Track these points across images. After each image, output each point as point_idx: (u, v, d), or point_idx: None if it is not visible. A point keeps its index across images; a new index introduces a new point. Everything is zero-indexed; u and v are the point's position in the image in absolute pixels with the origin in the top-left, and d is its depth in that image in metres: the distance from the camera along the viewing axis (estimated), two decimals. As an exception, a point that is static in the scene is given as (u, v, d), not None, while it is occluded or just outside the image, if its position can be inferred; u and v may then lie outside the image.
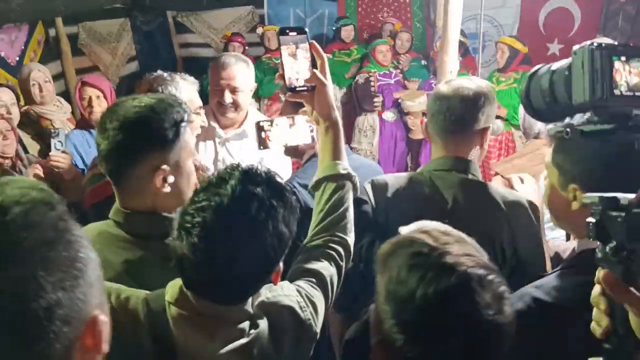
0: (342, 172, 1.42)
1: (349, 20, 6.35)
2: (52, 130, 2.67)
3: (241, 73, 2.56)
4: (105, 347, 0.66)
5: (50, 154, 2.67)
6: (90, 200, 2.14)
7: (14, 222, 0.57)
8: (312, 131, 1.63)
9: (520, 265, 1.69)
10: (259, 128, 1.55)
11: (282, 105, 2.47)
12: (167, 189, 1.38)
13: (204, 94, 2.56)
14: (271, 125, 1.59)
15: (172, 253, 1.07)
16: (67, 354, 0.60)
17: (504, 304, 0.92)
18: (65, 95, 4.85)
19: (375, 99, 5.34)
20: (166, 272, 1.12)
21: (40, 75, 3.60)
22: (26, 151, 3.21)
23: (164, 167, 1.36)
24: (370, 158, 5.08)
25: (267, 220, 1.05)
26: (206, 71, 6.05)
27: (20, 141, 3.22)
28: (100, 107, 3.12)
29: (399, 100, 5.26)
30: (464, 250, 0.95)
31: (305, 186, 1.96)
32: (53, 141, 2.65)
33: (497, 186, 1.84)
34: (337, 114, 1.44)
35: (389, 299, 0.95)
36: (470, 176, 1.75)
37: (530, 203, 1.75)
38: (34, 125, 3.40)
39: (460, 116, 1.72)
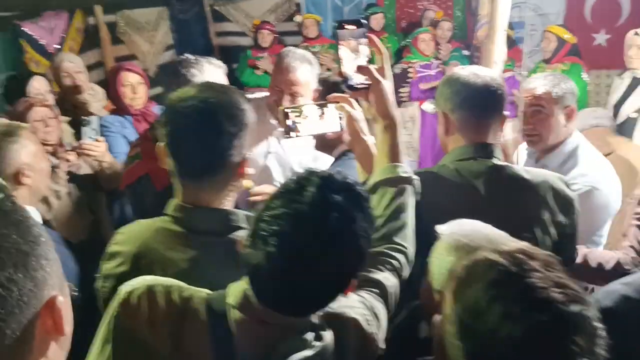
0: (403, 175, 1.34)
1: (378, 8, 6.19)
2: (84, 119, 2.65)
3: (305, 78, 2.42)
4: (67, 329, 0.66)
5: (80, 142, 2.66)
6: (126, 181, 2.14)
7: None
8: (341, 119, 1.54)
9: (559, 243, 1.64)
10: (284, 115, 1.48)
11: (314, 95, 2.42)
12: (248, 182, 1.34)
13: (237, 83, 2.52)
14: (300, 112, 1.51)
15: (244, 260, 1.00)
16: (25, 336, 0.60)
17: (598, 346, 0.81)
18: (104, 83, 4.86)
19: (400, 90, 5.23)
20: (229, 270, 1.07)
21: (71, 66, 3.60)
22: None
23: (248, 155, 1.33)
24: (410, 150, 4.98)
25: (346, 232, 0.97)
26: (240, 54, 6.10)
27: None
28: (140, 93, 3.11)
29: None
30: (554, 278, 0.83)
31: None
32: (84, 129, 2.63)
33: (521, 167, 1.77)
34: (396, 112, 1.36)
35: (463, 334, 0.85)
36: (495, 160, 1.67)
37: (560, 177, 1.70)
38: (69, 113, 3.40)
39: (490, 104, 1.67)
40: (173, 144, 1.29)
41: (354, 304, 1.14)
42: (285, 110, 1.46)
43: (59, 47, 4.81)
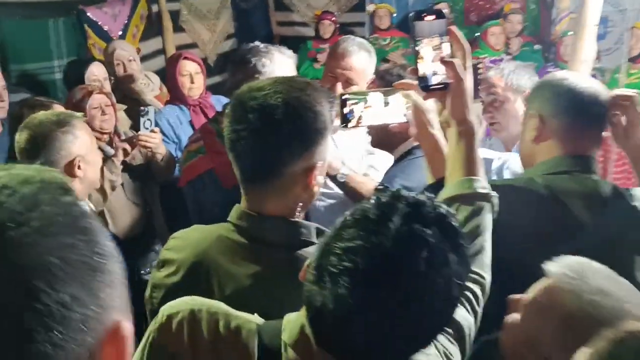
0: (480, 191, 1.15)
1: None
2: (141, 109, 2.59)
3: (361, 64, 2.31)
4: None
5: (138, 133, 2.59)
6: (186, 177, 2.03)
7: (21, 202, 0.46)
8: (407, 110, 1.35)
9: None
10: (342, 102, 1.30)
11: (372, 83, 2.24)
12: (316, 189, 1.20)
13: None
14: (361, 99, 1.33)
15: (307, 297, 0.84)
16: None
17: None
18: (164, 72, 4.83)
19: (480, 87, 4.93)
20: (296, 292, 0.91)
21: (124, 54, 3.53)
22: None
23: (320, 163, 1.18)
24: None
25: (437, 277, 0.79)
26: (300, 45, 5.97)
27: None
28: (199, 82, 3.02)
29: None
30: None
31: (408, 189, 1.70)
32: (142, 120, 2.57)
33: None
34: (474, 118, 1.17)
35: None
36: (595, 177, 1.43)
37: None
38: (124, 101, 3.35)
39: (597, 114, 1.47)
40: (233, 141, 1.16)
41: (427, 351, 0.94)
42: (343, 96, 1.29)
43: (122, 33, 4.80)
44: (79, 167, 1.89)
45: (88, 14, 4.52)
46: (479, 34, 5.14)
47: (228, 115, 1.17)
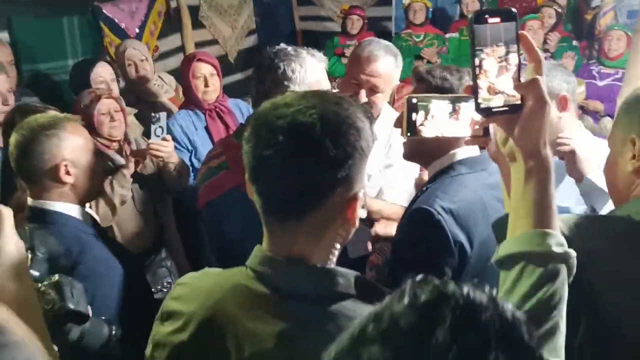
0: (556, 250, 0.88)
1: None
2: (153, 115, 2.39)
3: (387, 70, 2.11)
4: None
5: (149, 141, 2.40)
6: (206, 197, 1.82)
7: None
8: (472, 124, 1.10)
9: None
10: (411, 107, 1.07)
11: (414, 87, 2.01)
12: (357, 225, 1.00)
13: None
14: (426, 106, 1.09)
15: None
16: None
17: None
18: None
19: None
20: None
21: (136, 53, 3.33)
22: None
23: (362, 191, 0.99)
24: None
25: None
26: (325, 45, 5.74)
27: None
28: (214, 85, 2.82)
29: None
30: None
31: (452, 212, 1.46)
32: (153, 127, 2.38)
33: None
34: (549, 151, 0.90)
35: None
36: None
37: None
38: (137, 104, 3.16)
39: None
40: (259, 170, 0.95)
41: None
42: (414, 99, 1.06)
43: (139, 31, 4.63)
44: (67, 173, 1.71)
45: (104, 10, 4.35)
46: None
47: (249, 139, 0.97)
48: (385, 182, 2.22)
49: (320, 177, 0.92)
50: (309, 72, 1.71)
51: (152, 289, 2.48)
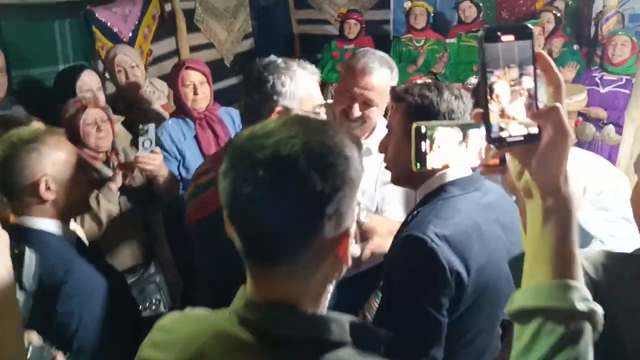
0: (580, 307, 0.76)
1: None
2: (140, 127, 2.30)
3: (383, 83, 2.04)
4: None
5: (137, 154, 2.31)
6: (195, 215, 1.73)
7: None
8: (481, 151, 1.02)
9: None
10: (420, 136, 0.98)
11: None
12: (349, 263, 0.91)
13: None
14: (435, 134, 1.00)
15: None
16: None
17: None
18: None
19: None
20: None
21: (126, 59, 3.24)
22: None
23: (353, 226, 0.90)
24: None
25: None
26: (324, 46, 5.65)
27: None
28: (204, 93, 2.74)
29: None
30: None
31: (446, 239, 1.38)
32: (141, 139, 2.28)
33: None
34: (570, 189, 0.80)
35: None
36: None
37: None
38: (128, 111, 3.08)
39: None
40: (237, 209, 0.86)
41: None
42: (422, 128, 0.97)
43: (132, 35, 4.54)
44: (47, 188, 1.63)
45: (96, 14, 4.26)
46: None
47: (226, 173, 0.87)
48: (384, 199, 2.14)
49: (307, 214, 0.83)
50: (300, 85, 1.63)
51: (140, 307, 2.41)
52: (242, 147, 0.86)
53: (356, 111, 2.04)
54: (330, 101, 2.24)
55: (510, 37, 0.77)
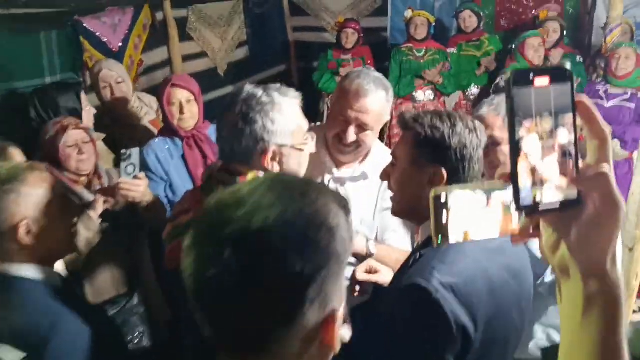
0: None
1: (467, 4, 5.21)
2: (123, 152, 2.16)
3: (378, 106, 1.92)
4: None
5: (119, 180, 2.18)
6: (174, 260, 1.59)
7: None
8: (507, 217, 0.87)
9: None
10: (439, 205, 0.84)
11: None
12: (337, 347, 0.78)
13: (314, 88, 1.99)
14: (455, 199, 0.86)
15: None
16: None
17: None
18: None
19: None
20: None
21: (112, 75, 3.11)
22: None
23: (341, 308, 0.78)
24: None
25: None
26: (319, 57, 5.53)
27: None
28: (191, 112, 2.60)
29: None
30: None
31: (452, 289, 1.24)
32: (123, 165, 2.15)
33: None
34: (617, 272, 0.64)
35: None
36: None
37: None
38: (113, 127, 2.95)
39: None
40: (198, 292, 0.74)
41: None
42: (442, 196, 0.81)
43: (122, 45, 4.41)
44: (28, 232, 1.49)
45: (84, 24, 4.13)
46: (515, 45, 4.58)
47: (189, 251, 0.74)
48: (385, 225, 2.01)
49: (284, 302, 0.70)
50: (289, 117, 1.51)
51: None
52: (208, 220, 0.74)
53: (351, 136, 1.92)
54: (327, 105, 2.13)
55: (545, 81, 0.64)
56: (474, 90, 5.05)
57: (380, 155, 2.06)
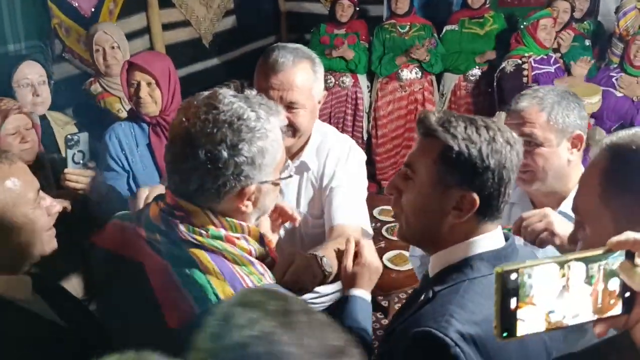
0: None
1: None
2: (68, 137, 1.93)
3: (302, 80, 1.69)
4: None
5: (65, 170, 1.93)
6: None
7: None
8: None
9: None
10: (506, 289, 0.71)
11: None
12: None
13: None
14: (527, 279, 0.71)
15: None
16: None
17: None
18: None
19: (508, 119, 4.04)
20: None
21: (106, 38, 2.93)
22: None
23: None
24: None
25: None
26: (312, 30, 5.20)
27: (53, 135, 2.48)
28: (151, 98, 2.29)
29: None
30: None
31: (474, 340, 1.02)
32: (70, 152, 1.93)
33: None
34: None
35: None
36: None
37: None
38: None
39: None
40: None
41: None
42: (511, 276, 0.69)
43: (95, 10, 4.06)
44: None
45: (54, -12, 3.78)
46: (523, 25, 4.19)
47: None
48: (336, 203, 1.78)
49: None
50: (278, 146, 1.22)
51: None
52: None
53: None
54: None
55: None
56: (474, 70, 4.73)
57: (324, 141, 1.86)
